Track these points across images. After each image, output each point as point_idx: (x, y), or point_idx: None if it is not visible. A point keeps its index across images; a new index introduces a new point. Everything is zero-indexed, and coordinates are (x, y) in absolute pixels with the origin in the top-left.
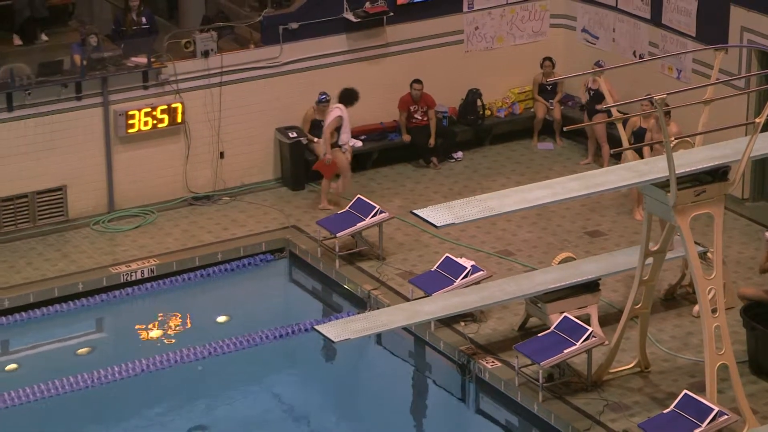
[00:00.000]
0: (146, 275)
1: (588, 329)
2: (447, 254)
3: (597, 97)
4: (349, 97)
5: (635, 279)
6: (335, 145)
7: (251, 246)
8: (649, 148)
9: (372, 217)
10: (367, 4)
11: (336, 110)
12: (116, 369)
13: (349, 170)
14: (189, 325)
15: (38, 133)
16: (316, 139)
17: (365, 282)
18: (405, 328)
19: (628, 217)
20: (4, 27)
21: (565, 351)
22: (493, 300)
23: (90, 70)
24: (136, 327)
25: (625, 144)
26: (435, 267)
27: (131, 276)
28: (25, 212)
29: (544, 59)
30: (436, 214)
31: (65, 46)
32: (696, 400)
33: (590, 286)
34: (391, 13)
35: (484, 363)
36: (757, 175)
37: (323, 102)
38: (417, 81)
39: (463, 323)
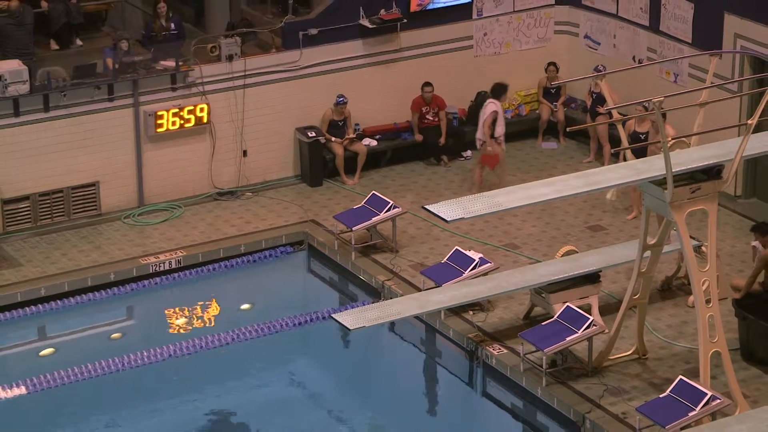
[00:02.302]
0: (174, 266)
1: (589, 318)
2: (456, 247)
3: (599, 99)
4: (500, 90)
5: (634, 271)
6: (481, 137)
7: (272, 239)
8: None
9: (386, 211)
10: (382, 11)
11: (491, 105)
12: (145, 354)
13: (505, 160)
14: (214, 313)
15: (73, 132)
16: (333, 138)
17: (379, 273)
18: (417, 317)
19: (627, 213)
20: (42, 32)
21: (568, 339)
22: (499, 290)
23: (121, 73)
24: (164, 314)
25: (625, 144)
26: (445, 259)
27: (160, 266)
28: (61, 206)
29: (549, 64)
30: (447, 209)
31: (98, 51)
32: (690, 385)
33: (591, 278)
34: (405, 20)
35: (491, 350)
36: (749, 174)
37: (341, 104)
38: (427, 84)
39: (471, 312)
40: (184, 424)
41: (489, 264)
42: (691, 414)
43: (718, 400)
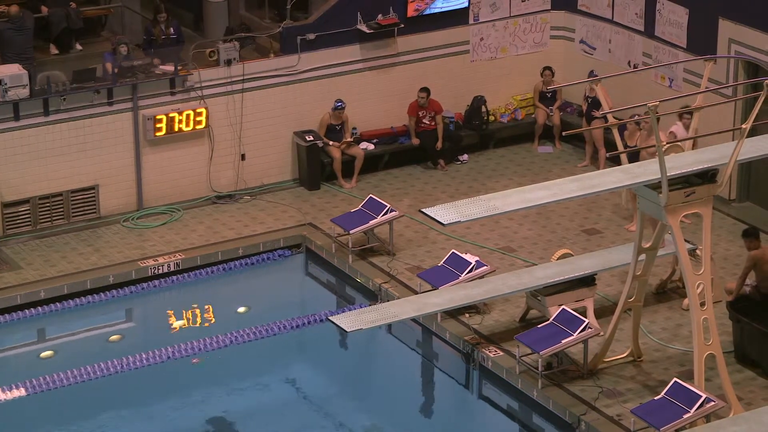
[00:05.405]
0: (172, 269)
1: (584, 321)
2: (453, 250)
3: (594, 104)
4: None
5: (629, 274)
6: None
7: (270, 242)
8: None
9: (383, 215)
10: (380, 17)
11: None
12: (144, 356)
13: None
14: (212, 316)
15: (72, 136)
16: (331, 143)
17: (376, 276)
18: (413, 319)
19: (623, 216)
20: (42, 37)
21: (563, 341)
22: (495, 293)
23: (121, 77)
24: (163, 317)
25: (620, 148)
26: (442, 262)
27: (158, 269)
28: (60, 210)
29: (545, 68)
30: (443, 213)
31: (98, 55)
32: (685, 387)
33: (587, 281)
34: (402, 25)
35: (487, 352)
36: (743, 178)
37: (339, 108)
38: (422, 89)
39: (467, 315)
40: (181, 427)
41: (485, 267)
42: (685, 416)
43: (713, 402)
